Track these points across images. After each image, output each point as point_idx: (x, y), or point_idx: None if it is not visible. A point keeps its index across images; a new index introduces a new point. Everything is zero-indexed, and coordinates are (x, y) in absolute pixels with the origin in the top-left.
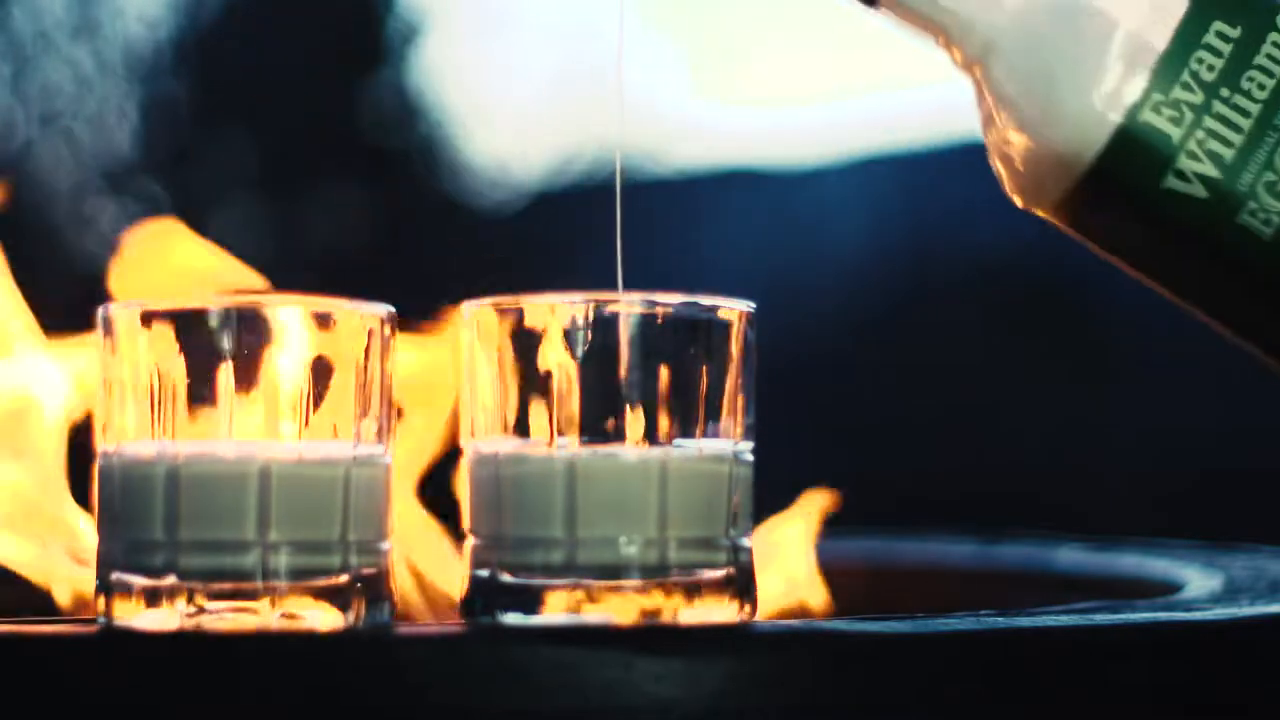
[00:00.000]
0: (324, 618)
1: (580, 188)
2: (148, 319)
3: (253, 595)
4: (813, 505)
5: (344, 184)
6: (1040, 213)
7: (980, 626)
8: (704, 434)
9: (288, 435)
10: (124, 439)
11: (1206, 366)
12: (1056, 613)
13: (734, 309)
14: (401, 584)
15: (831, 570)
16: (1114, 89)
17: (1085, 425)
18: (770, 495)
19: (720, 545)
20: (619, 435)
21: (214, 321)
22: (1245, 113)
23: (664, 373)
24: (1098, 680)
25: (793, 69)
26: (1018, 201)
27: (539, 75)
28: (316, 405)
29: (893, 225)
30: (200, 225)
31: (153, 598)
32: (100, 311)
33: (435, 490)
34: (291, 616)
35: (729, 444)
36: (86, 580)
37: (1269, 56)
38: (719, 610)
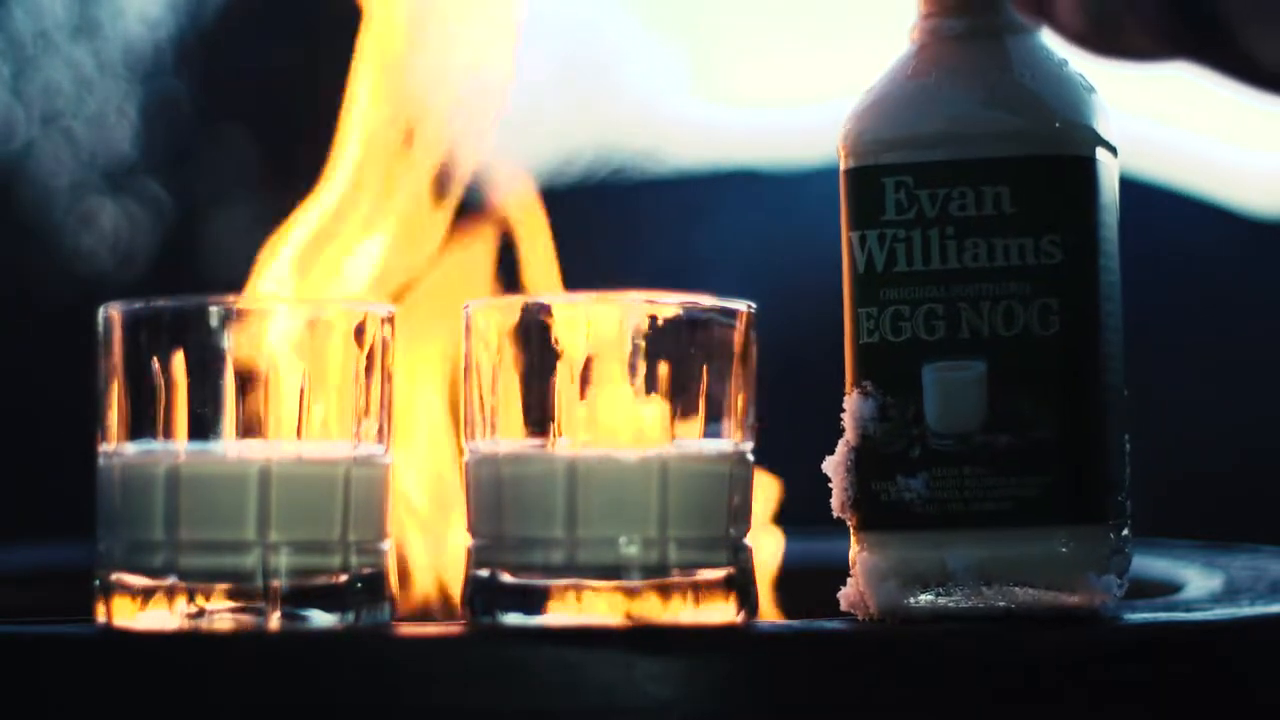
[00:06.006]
0: (324, 618)
1: (580, 187)
2: (148, 319)
3: (253, 595)
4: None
5: None
6: None
7: (980, 626)
8: (704, 434)
9: (287, 435)
10: (124, 439)
11: (1205, 366)
12: None
13: (734, 309)
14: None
15: (832, 570)
16: None
17: None
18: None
19: (720, 545)
20: (619, 435)
21: (214, 321)
22: None
23: (664, 372)
24: (1098, 680)
25: (793, 69)
26: None
27: (539, 75)
28: (316, 405)
29: None
30: (201, 225)
31: (153, 598)
32: (100, 311)
33: None
34: (291, 616)
35: (729, 444)
36: None
37: None
38: (719, 610)
